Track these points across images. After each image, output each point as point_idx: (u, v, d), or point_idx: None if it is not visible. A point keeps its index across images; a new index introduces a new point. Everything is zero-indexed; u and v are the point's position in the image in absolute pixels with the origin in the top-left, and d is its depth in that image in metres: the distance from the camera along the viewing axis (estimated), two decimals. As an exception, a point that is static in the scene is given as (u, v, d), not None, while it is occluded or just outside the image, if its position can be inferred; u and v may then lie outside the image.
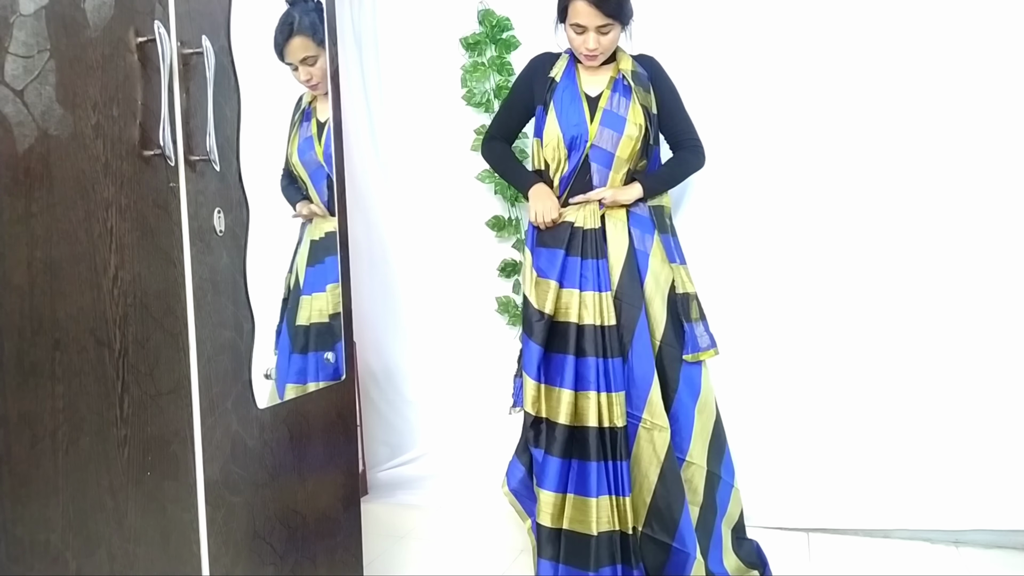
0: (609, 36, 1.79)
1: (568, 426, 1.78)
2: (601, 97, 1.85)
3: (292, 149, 1.62)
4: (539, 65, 1.95)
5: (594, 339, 1.78)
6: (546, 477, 1.79)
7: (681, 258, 1.94)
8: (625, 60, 1.90)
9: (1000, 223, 2.03)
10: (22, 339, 0.93)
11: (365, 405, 2.70)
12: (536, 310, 1.84)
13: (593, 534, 1.75)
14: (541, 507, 1.80)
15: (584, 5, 1.73)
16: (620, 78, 1.87)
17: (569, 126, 1.84)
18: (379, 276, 2.67)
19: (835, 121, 2.15)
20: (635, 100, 1.84)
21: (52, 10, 0.98)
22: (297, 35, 1.60)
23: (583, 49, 1.81)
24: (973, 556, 2.03)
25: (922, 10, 2.06)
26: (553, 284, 1.82)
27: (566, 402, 1.78)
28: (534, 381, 1.82)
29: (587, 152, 1.84)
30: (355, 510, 1.75)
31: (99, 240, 1.05)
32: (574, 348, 1.79)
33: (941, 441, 2.09)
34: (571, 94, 1.86)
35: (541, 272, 1.86)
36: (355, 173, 2.58)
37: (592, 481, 1.76)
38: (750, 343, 2.24)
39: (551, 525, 1.79)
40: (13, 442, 0.91)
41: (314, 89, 1.66)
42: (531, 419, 1.84)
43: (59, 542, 0.98)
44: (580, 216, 1.86)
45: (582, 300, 1.80)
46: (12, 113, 0.92)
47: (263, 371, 1.43)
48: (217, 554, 1.28)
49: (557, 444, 1.78)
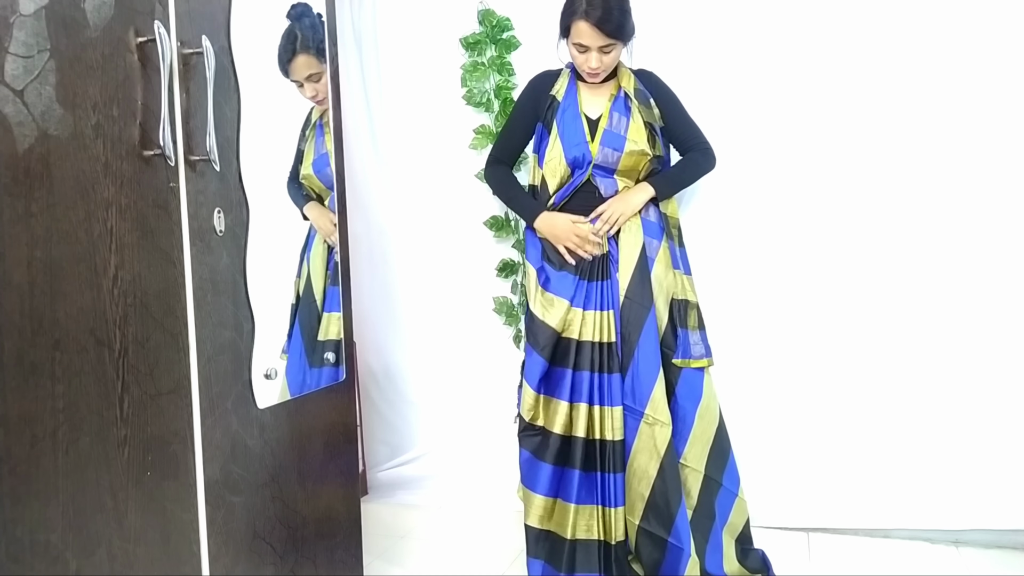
0: (611, 55, 1.82)
1: (561, 435, 1.83)
2: (601, 118, 1.88)
3: (307, 163, 1.63)
4: (539, 84, 1.98)
5: (590, 355, 1.83)
6: (538, 482, 1.85)
7: (686, 268, 1.97)
8: (626, 77, 1.92)
9: (998, 226, 2.03)
10: (22, 339, 0.93)
11: (365, 405, 2.70)
12: (543, 325, 1.87)
13: (567, 538, 1.81)
14: (532, 509, 1.85)
15: (587, 26, 1.75)
16: (621, 95, 1.90)
17: (571, 147, 1.87)
18: (379, 276, 2.67)
19: (837, 129, 2.14)
20: (636, 117, 1.87)
21: (52, 10, 0.98)
22: (301, 53, 1.59)
23: (586, 68, 1.84)
24: (973, 556, 2.03)
25: (923, 18, 2.06)
26: (565, 304, 1.86)
27: (563, 413, 1.83)
28: (534, 392, 1.87)
29: (589, 174, 1.88)
30: (355, 510, 1.75)
31: (99, 240, 1.05)
32: (573, 362, 1.84)
33: (941, 441, 2.09)
34: (572, 114, 1.89)
35: (552, 290, 1.89)
36: (355, 173, 2.58)
37: (573, 488, 1.82)
38: (750, 343, 2.24)
39: (539, 526, 1.85)
40: (13, 442, 0.91)
41: (321, 104, 1.65)
42: (524, 424, 1.89)
43: (59, 542, 0.98)
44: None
45: (584, 318, 1.85)
46: (12, 113, 0.92)
47: (263, 371, 1.43)
48: (217, 554, 1.28)
49: (551, 452, 1.84)
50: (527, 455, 1.88)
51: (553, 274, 1.91)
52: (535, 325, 1.89)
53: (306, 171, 1.62)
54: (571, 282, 1.87)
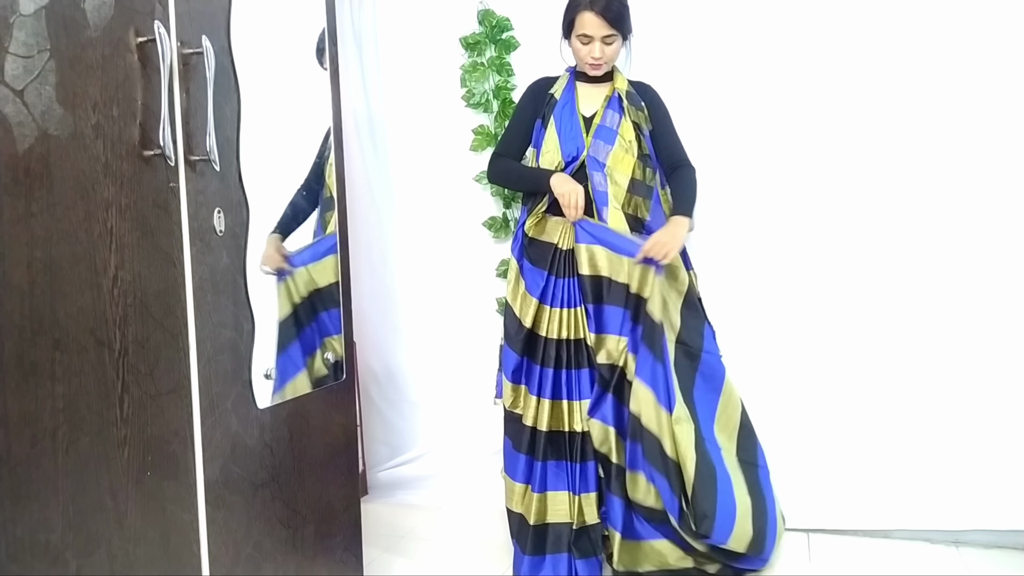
0: (612, 47, 1.95)
1: (532, 428, 1.95)
2: (596, 115, 2.00)
3: (331, 176, 1.68)
4: (539, 86, 2.10)
5: (556, 352, 1.95)
6: (517, 470, 1.97)
7: (688, 264, 2.06)
8: (621, 80, 2.05)
9: (999, 226, 2.03)
10: (22, 339, 0.93)
11: (365, 405, 2.70)
12: (517, 320, 1.99)
13: (533, 523, 1.94)
14: (511, 495, 1.99)
15: (591, 16, 1.90)
16: (616, 96, 2.01)
17: (567, 140, 1.98)
18: (378, 276, 2.67)
19: (838, 130, 2.15)
20: (627, 116, 1.99)
21: (52, 10, 0.98)
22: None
23: (589, 59, 1.96)
24: (973, 556, 2.03)
25: (922, 21, 2.06)
26: (535, 302, 1.98)
27: (532, 406, 1.96)
28: (511, 383, 2.00)
29: (583, 161, 1.96)
30: (355, 510, 1.75)
31: (99, 240, 1.05)
32: (541, 358, 1.97)
33: (941, 441, 2.09)
34: (569, 111, 2.01)
35: (526, 285, 2.01)
36: (355, 173, 2.58)
37: (543, 477, 1.94)
38: (750, 344, 2.24)
39: (517, 510, 1.98)
40: (13, 442, 0.91)
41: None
42: (507, 412, 2.02)
43: (59, 542, 0.98)
44: (559, 236, 1.99)
45: (551, 315, 1.97)
46: (12, 113, 0.92)
47: (263, 371, 1.43)
48: (217, 554, 1.28)
49: (524, 443, 1.96)
50: (508, 444, 2.01)
51: (530, 270, 2.01)
52: (509, 320, 2.02)
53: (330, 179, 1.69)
54: (542, 279, 1.98)
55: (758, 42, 2.20)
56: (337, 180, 1.70)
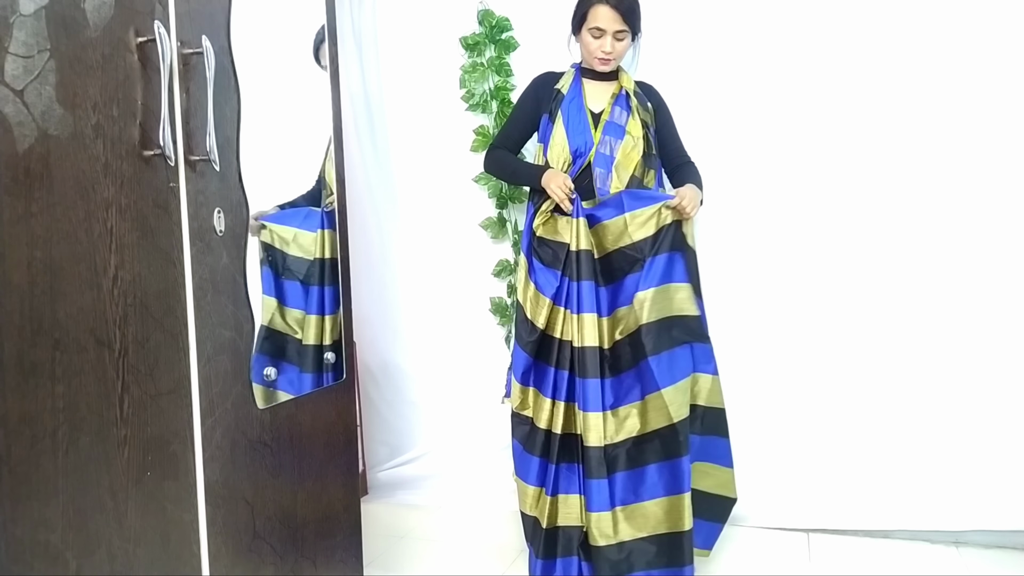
0: (622, 44, 1.93)
1: (545, 430, 1.90)
2: (604, 112, 1.97)
3: (331, 176, 1.67)
4: (544, 81, 2.07)
5: (570, 356, 1.87)
6: (529, 473, 1.92)
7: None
8: (627, 79, 2.02)
9: (999, 225, 2.03)
10: (22, 339, 0.93)
11: (365, 405, 2.70)
12: (529, 322, 1.92)
13: (546, 527, 1.89)
14: (524, 497, 1.93)
15: (606, 9, 1.88)
16: (623, 94, 1.99)
17: (575, 135, 1.95)
18: (377, 276, 2.67)
19: (838, 134, 2.15)
20: (634, 113, 1.96)
21: (52, 10, 0.98)
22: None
23: (599, 53, 1.93)
24: (973, 556, 2.03)
25: (922, 24, 2.06)
26: (548, 302, 1.91)
27: (546, 409, 1.90)
28: (519, 384, 1.94)
29: (591, 158, 1.93)
30: (355, 510, 1.75)
31: (99, 240, 1.05)
32: (555, 360, 1.90)
33: (941, 441, 2.09)
34: (577, 106, 1.97)
35: (538, 287, 1.94)
36: (354, 173, 2.58)
37: (559, 481, 1.90)
38: (750, 344, 2.24)
39: (531, 513, 1.93)
40: (13, 442, 0.91)
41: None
42: (514, 413, 1.96)
43: (59, 542, 0.98)
44: (571, 236, 1.88)
45: (566, 319, 1.88)
46: (12, 113, 0.92)
47: (263, 371, 1.43)
48: (217, 554, 1.28)
49: (537, 445, 1.90)
50: (519, 447, 1.95)
51: (540, 269, 1.95)
52: (521, 319, 1.96)
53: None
54: (556, 279, 1.91)
55: (758, 42, 2.21)
56: (337, 180, 1.70)
